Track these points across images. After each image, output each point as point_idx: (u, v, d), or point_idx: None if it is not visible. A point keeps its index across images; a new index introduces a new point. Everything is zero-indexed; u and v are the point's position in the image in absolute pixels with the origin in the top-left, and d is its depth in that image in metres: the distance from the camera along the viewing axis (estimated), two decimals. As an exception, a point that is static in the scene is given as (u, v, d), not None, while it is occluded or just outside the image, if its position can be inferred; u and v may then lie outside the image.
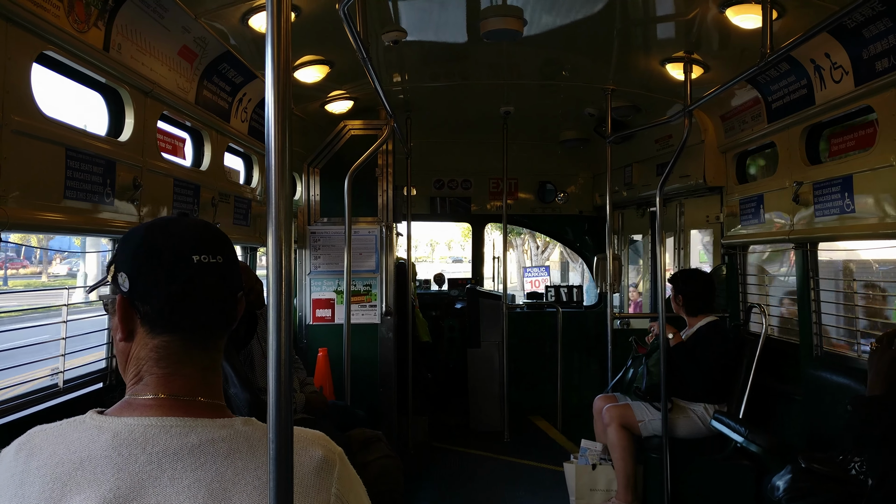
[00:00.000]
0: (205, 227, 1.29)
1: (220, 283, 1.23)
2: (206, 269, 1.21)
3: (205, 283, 1.21)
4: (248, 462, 1.15)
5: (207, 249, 1.22)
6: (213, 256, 1.22)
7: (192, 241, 1.23)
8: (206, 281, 1.21)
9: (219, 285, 1.23)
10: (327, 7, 3.47)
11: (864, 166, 3.61)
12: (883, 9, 3.08)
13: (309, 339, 5.76)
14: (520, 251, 32.53)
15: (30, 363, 2.98)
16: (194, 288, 1.20)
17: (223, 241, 1.28)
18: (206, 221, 1.34)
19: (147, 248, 1.23)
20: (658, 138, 6.22)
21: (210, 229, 1.29)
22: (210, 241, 1.24)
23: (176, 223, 1.28)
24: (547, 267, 8.77)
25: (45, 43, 2.57)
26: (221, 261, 1.23)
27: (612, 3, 3.82)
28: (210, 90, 4.08)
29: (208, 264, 1.21)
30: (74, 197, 2.79)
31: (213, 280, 1.22)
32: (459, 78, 5.54)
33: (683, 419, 4.69)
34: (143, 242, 1.24)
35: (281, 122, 1.10)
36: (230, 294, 1.25)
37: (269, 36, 1.10)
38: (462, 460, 6.44)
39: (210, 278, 1.21)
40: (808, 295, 4.37)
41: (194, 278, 1.20)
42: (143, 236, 1.24)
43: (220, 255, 1.23)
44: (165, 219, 1.32)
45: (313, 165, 5.93)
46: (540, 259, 25.43)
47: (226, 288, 1.24)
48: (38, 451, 1.16)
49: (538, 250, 25.61)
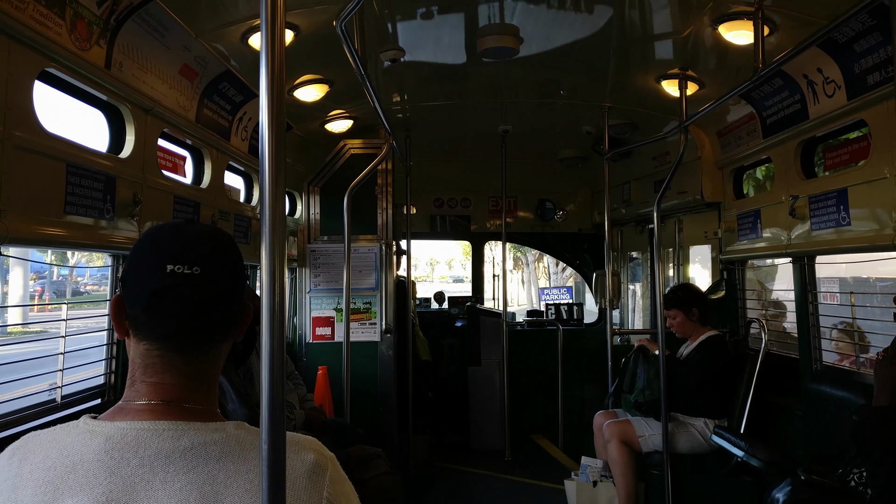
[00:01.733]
0: (198, 235, 1.27)
1: (192, 294, 1.20)
2: (178, 279, 1.19)
3: (174, 293, 1.19)
4: (240, 465, 1.15)
5: (184, 259, 1.20)
6: (188, 267, 1.19)
7: (174, 249, 1.22)
8: (176, 291, 1.19)
9: (190, 296, 1.20)
10: (326, 27, 3.52)
11: (858, 179, 3.63)
12: (873, 23, 3.12)
13: (309, 357, 5.76)
14: (532, 269, 31.93)
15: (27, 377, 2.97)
16: (164, 297, 1.19)
17: (208, 252, 1.24)
18: (211, 230, 1.31)
19: (138, 252, 1.24)
20: (655, 155, 6.26)
21: (200, 239, 1.26)
22: (191, 251, 1.22)
23: (173, 229, 1.28)
24: (569, 288, 8.66)
25: (48, 60, 2.61)
26: (198, 272, 1.20)
27: (608, 22, 3.87)
28: (210, 108, 4.12)
29: (181, 275, 1.19)
30: (75, 212, 2.82)
31: (185, 291, 1.19)
32: (458, 97, 5.59)
33: (684, 434, 4.67)
34: (139, 245, 1.25)
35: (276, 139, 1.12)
36: (211, 307, 1.22)
37: (264, 55, 1.13)
38: (463, 479, 6.40)
39: (181, 289, 1.19)
40: (807, 309, 4.37)
41: (164, 288, 1.19)
42: (141, 240, 1.26)
43: (198, 267, 1.20)
44: (172, 223, 1.34)
45: (313, 184, 5.97)
46: (561, 278, 23.47)
47: (202, 299, 1.21)
48: (32, 456, 1.17)
49: (558, 267, 23.43)
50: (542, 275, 31.53)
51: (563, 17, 3.82)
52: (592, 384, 7.50)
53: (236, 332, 1.29)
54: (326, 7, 3.50)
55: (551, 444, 7.36)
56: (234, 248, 1.29)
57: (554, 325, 7.73)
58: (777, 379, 4.74)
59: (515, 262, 33.34)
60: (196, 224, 1.32)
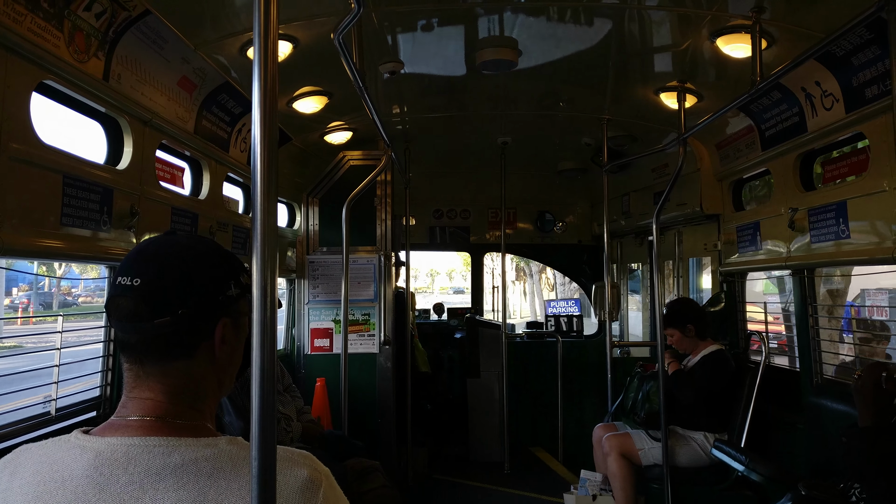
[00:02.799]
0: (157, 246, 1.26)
1: (126, 305, 1.19)
2: (118, 290, 1.20)
3: (116, 304, 1.21)
4: (232, 482, 1.13)
5: (129, 271, 1.21)
6: (130, 279, 1.20)
7: (127, 261, 1.24)
8: (116, 302, 1.21)
9: (125, 307, 1.20)
10: (325, 39, 3.52)
11: (857, 192, 3.63)
12: (871, 36, 3.13)
13: (307, 369, 5.74)
14: (536, 280, 31.64)
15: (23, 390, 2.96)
16: (112, 309, 1.21)
17: (155, 263, 1.23)
18: (188, 241, 1.31)
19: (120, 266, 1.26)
20: (654, 167, 6.27)
21: (156, 249, 1.26)
22: (139, 263, 1.22)
23: (148, 242, 1.30)
24: (577, 300, 8.62)
25: (45, 72, 2.61)
26: (137, 283, 1.19)
27: (607, 35, 3.88)
28: (209, 120, 4.13)
29: (122, 286, 1.20)
30: (72, 224, 2.81)
31: (122, 302, 1.20)
32: (457, 109, 5.60)
33: (684, 448, 4.64)
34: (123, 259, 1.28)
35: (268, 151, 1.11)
36: (147, 319, 1.19)
37: (256, 66, 1.12)
38: (462, 492, 6.35)
39: (119, 300, 1.20)
40: (807, 322, 4.35)
41: (113, 299, 1.21)
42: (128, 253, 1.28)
43: (139, 278, 1.20)
44: (157, 236, 1.34)
45: (312, 195, 5.97)
46: (569, 290, 22.96)
47: (133, 311, 1.19)
48: (22, 470, 1.16)
49: (565, 278, 22.72)
50: (546, 286, 31.33)
51: (562, 29, 3.84)
52: (592, 396, 7.48)
53: (211, 345, 1.25)
54: (325, 20, 3.50)
55: (551, 457, 7.33)
56: (199, 260, 1.26)
57: (554, 336, 7.71)
58: (778, 392, 4.72)
59: (518, 272, 33.20)
60: (173, 236, 1.31)
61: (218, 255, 1.31)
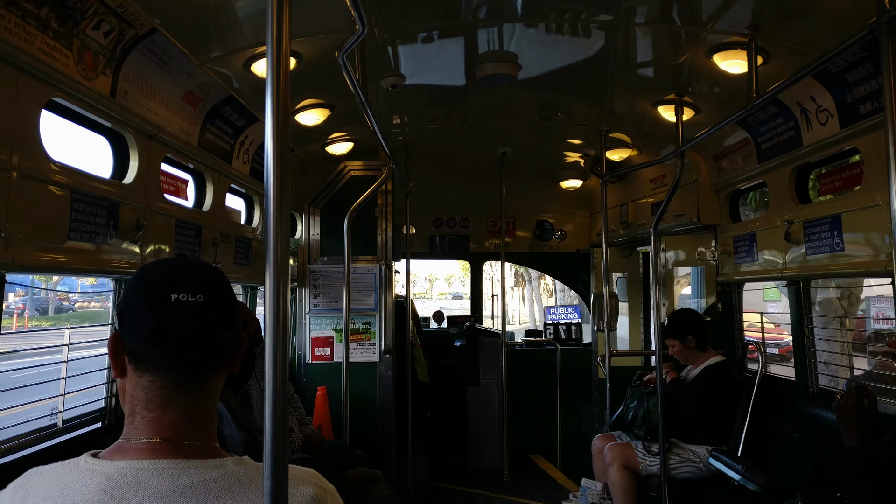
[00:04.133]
0: (195, 267, 1.30)
1: (199, 321, 1.22)
2: (183, 307, 1.21)
3: (182, 320, 1.21)
4: (240, 502, 1.16)
5: (186, 288, 1.22)
6: (191, 295, 1.22)
7: (173, 279, 1.24)
8: (183, 319, 1.21)
9: (198, 323, 1.22)
10: (327, 53, 3.58)
11: (852, 206, 3.68)
12: (865, 54, 3.19)
13: (308, 378, 5.77)
14: (535, 286, 31.44)
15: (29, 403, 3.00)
16: (171, 325, 1.21)
17: (208, 281, 1.27)
18: (204, 263, 1.35)
19: (134, 287, 1.27)
20: (653, 178, 6.32)
21: (198, 269, 1.29)
22: (191, 280, 1.24)
23: (169, 263, 1.31)
24: (577, 307, 8.64)
25: (55, 90, 2.66)
26: (202, 299, 1.22)
27: (604, 49, 3.94)
28: (213, 133, 4.18)
29: (186, 302, 1.21)
30: (78, 238, 2.85)
31: (192, 318, 1.22)
32: (457, 120, 5.65)
33: (684, 460, 4.67)
34: (134, 282, 1.28)
35: (280, 164, 1.16)
36: (213, 333, 1.24)
37: (270, 82, 1.17)
38: (462, 499, 6.38)
39: (188, 316, 1.22)
40: (802, 332, 4.40)
41: (171, 316, 1.21)
42: (136, 276, 1.29)
43: (202, 294, 1.23)
44: (164, 259, 1.37)
45: (314, 206, 6.02)
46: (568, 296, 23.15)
47: (208, 326, 1.24)
48: (33, 493, 1.18)
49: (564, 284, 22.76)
50: (545, 292, 31.24)
51: (561, 42, 3.88)
52: (591, 405, 7.51)
53: (232, 362, 1.30)
54: (328, 35, 3.56)
55: (550, 465, 7.35)
56: (225, 279, 1.33)
57: (553, 344, 7.74)
58: (774, 402, 4.76)
59: (517, 278, 33.14)
60: (188, 258, 1.37)
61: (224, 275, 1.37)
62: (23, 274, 2.63)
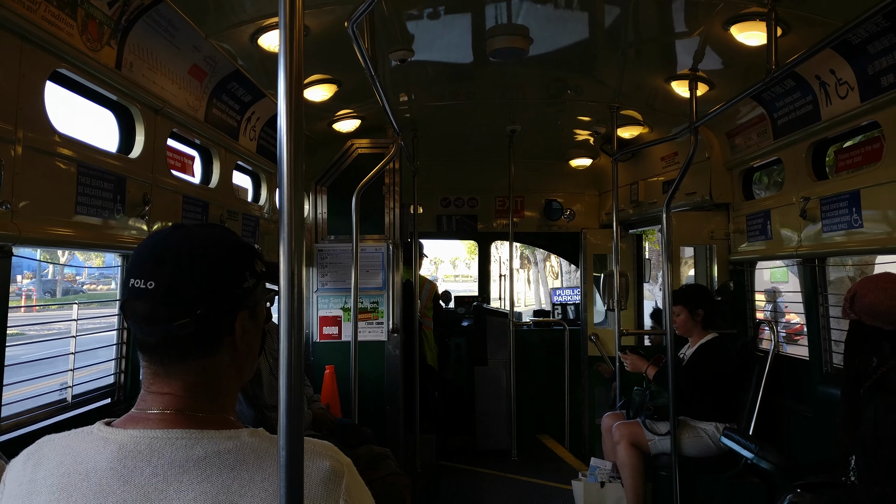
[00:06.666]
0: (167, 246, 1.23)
1: (143, 309, 1.18)
2: (133, 293, 1.19)
3: (131, 307, 1.19)
4: (255, 474, 1.13)
5: (141, 272, 1.19)
6: (144, 281, 1.18)
7: (136, 262, 1.21)
8: (132, 306, 1.19)
9: (143, 311, 1.18)
10: (336, 27, 3.52)
11: (871, 181, 3.60)
12: (887, 24, 3.10)
13: (316, 357, 5.76)
14: (541, 267, 31.39)
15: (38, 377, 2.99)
16: (129, 311, 1.20)
17: (168, 262, 1.20)
18: (199, 235, 1.27)
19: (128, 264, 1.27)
20: (664, 156, 6.24)
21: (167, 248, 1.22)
22: (150, 265, 1.20)
23: (153, 239, 1.27)
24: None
25: (59, 61, 2.61)
26: (151, 287, 1.17)
27: (617, 22, 3.86)
28: (219, 108, 4.12)
29: (136, 289, 1.18)
30: (85, 212, 2.82)
31: (137, 305, 1.19)
32: (466, 97, 5.58)
33: (694, 438, 4.64)
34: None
35: (295, 138, 1.11)
36: (165, 323, 1.17)
37: (282, 54, 1.12)
38: (469, 479, 6.39)
39: (136, 304, 1.19)
40: (817, 311, 4.35)
41: (128, 302, 1.20)
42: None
43: (153, 281, 1.17)
44: (158, 230, 1.33)
45: (321, 184, 5.96)
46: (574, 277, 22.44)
47: (155, 316, 1.18)
48: (46, 461, 1.17)
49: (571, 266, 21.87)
50: (550, 274, 31.23)
51: (572, 16, 3.81)
52: (599, 384, 7.49)
53: (232, 339, 1.25)
54: (335, 7, 3.49)
55: (558, 445, 7.35)
56: (213, 256, 1.23)
57: (561, 325, 7.71)
58: (787, 381, 4.72)
59: (522, 260, 33.10)
60: (181, 230, 1.27)
61: (230, 245, 1.27)
62: (29, 247, 2.60)
